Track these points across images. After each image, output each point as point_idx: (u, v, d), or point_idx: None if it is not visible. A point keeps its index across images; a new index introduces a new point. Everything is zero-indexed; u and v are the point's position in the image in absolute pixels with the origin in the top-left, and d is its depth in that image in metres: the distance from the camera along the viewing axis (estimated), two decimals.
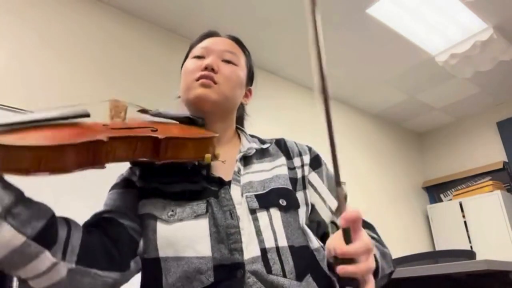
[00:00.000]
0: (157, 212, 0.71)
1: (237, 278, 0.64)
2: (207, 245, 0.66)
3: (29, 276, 0.56)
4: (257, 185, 0.75)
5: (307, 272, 0.69)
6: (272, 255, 0.67)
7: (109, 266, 0.62)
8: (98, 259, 0.61)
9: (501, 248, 3.78)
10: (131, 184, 0.77)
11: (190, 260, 0.66)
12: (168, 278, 0.66)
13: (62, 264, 0.57)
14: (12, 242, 0.52)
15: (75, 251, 0.59)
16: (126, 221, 0.70)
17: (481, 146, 4.60)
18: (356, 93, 4.20)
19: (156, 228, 0.69)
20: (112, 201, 0.74)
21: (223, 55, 0.83)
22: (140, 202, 0.74)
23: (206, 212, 0.69)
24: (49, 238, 0.56)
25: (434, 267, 1.43)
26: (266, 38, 3.20)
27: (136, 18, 2.97)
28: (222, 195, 0.72)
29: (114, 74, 2.68)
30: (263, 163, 0.81)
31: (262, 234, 0.68)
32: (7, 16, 2.34)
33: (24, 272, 0.55)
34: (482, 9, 3.02)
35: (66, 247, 0.58)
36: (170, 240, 0.68)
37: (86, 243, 0.61)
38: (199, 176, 0.75)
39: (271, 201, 0.72)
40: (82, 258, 0.59)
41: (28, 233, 0.54)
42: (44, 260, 0.55)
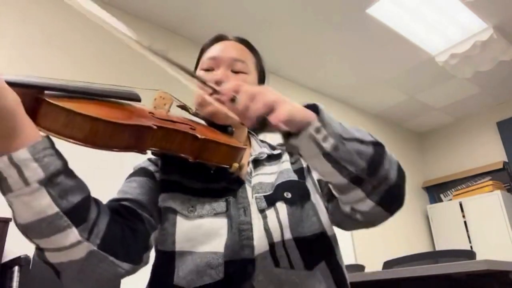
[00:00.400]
0: (177, 206, 0.72)
1: (246, 273, 0.66)
2: (222, 242, 0.67)
3: (48, 247, 0.56)
4: (266, 186, 0.76)
5: (319, 260, 0.71)
6: (279, 249, 0.68)
7: (125, 256, 0.62)
8: (117, 248, 0.61)
9: (501, 248, 3.79)
10: (151, 175, 0.78)
11: (203, 255, 0.67)
12: (180, 271, 0.67)
13: (85, 244, 0.56)
14: (45, 211, 0.52)
15: (99, 234, 0.59)
16: (145, 214, 0.70)
17: (481, 146, 4.60)
18: (356, 93, 4.20)
19: (176, 222, 0.70)
20: (132, 189, 0.74)
21: (232, 65, 0.83)
22: (161, 196, 0.74)
23: (226, 211, 0.71)
24: (81, 216, 0.56)
25: (434, 267, 1.43)
26: (265, 38, 3.20)
27: (136, 18, 2.97)
28: (239, 193, 0.75)
29: (115, 73, 2.68)
30: (272, 166, 0.83)
31: (270, 229, 0.70)
32: (10, 13, 2.34)
33: (45, 242, 0.55)
34: (482, 9, 3.02)
35: (93, 228, 0.58)
36: (189, 235, 0.69)
37: (110, 229, 0.61)
38: (220, 175, 0.76)
39: (276, 197, 0.74)
40: (104, 243, 0.59)
41: (63, 205, 0.54)
42: (70, 236, 0.55)
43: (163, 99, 0.75)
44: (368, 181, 0.63)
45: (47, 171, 0.52)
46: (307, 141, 0.59)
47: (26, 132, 0.51)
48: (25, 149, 0.50)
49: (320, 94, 4.14)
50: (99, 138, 0.55)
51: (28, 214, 0.52)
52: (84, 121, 0.54)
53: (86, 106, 0.56)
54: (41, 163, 0.51)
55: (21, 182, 0.50)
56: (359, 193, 0.64)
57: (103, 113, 0.57)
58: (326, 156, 0.60)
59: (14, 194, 0.51)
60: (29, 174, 0.50)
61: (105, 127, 0.55)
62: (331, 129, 0.60)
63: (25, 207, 0.52)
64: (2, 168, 0.50)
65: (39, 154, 0.51)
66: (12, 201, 0.52)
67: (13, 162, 0.50)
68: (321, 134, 0.59)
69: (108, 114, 0.57)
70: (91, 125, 0.54)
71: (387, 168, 0.65)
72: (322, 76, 3.86)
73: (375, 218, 0.70)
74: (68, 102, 0.55)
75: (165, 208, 0.73)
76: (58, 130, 0.54)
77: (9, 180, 0.50)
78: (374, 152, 0.64)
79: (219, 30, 0.94)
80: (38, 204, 0.52)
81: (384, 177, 0.64)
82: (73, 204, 0.55)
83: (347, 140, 0.61)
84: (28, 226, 0.53)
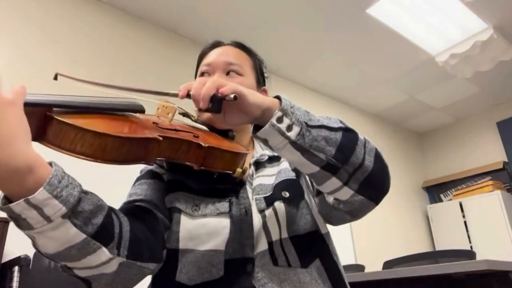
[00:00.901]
0: (181, 205, 0.73)
1: (246, 272, 0.67)
2: (223, 240, 0.69)
3: (78, 267, 0.56)
4: (266, 188, 0.78)
5: (314, 258, 0.72)
6: (277, 248, 0.70)
7: (150, 257, 0.63)
8: (142, 251, 0.62)
9: (501, 248, 3.78)
10: (159, 176, 0.79)
11: (204, 253, 0.68)
12: (182, 268, 0.69)
13: (116, 259, 0.57)
14: (73, 240, 0.52)
15: (126, 245, 0.59)
16: (159, 213, 0.71)
17: (481, 146, 4.60)
18: (356, 93, 4.20)
19: (180, 220, 0.71)
20: (143, 191, 0.75)
21: (227, 69, 0.85)
22: (167, 196, 0.76)
23: (229, 211, 0.72)
24: (107, 235, 0.57)
25: (434, 267, 1.43)
26: (265, 37, 3.20)
27: (136, 18, 2.97)
28: (241, 194, 0.76)
29: (115, 73, 2.68)
30: (273, 168, 0.84)
31: (269, 228, 0.71)
32: (10, 12, 2.34)
33: (75, 264, 0.55)
34: (482, 9, 3.02)
35: (120, 242, 0.58)
36: (192, 234, 0.70)
37: (133, 236, 0.61)
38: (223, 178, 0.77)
39: (275, 196, 0.75)
40: (131, 251, 0.60)
41: (89, 230, 0.54)
42: (100, 255, 0.55)
43: (166, 108, 0.75)
44: (342, 169, 0.63)
45: (68, 204, 0.51)
46: (272, 131, 0.60)
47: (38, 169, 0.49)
48: (42, 189, 0.48)
49: (320, 94, 4.14)
50: (108, 153, 0.56)
51: (55, 246, 0.52)
52: (93, 137, 0.55)
53: (94, 122, 0.57)
54: (61, 199, 0.50)
55: (43, 220, 0.49)
56: (335, 181, 0.65)
57: (111, 127, 0.57)
58: (294, 145, 0.61)
59: (36, 231, 0.50)
60: (51, 212, 0.49)
61: (113, 142, 0.56)
62: (295, 117, 0.61)
63: (51, 240, 0.51)
64: (20, 211, 0.48)
65: (57, 190, 0.50)
66: (34, 236, 0.51)
67: (32, 204, 0.48)
68: (284, 123, 0.61)
69: (115, 129, 0.58)
70: (100, 141, 0.55)
71: (361, 154, 0.65)
72: (322, 76, 3.86)
73: (359, 207, 0.71)
74: (77, 119, 0.55)
75: (170, 207, 0.74)
76: (68, 147, 0.54)
77: (29, 220, 0.49)
78: (343, 138, 0.64)
79: (218, 30, 0.94)
80: (65, 236, 0.51)
81: (358, 164, 0.64)
82: (98, 226, 0.55)
83: (313, 128, 0.62)
84: (56, 255, 0.53)
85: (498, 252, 3.54)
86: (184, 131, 0.71)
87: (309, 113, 0.65)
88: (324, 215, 0.79)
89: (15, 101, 0.48)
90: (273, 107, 0.62)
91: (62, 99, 0.57)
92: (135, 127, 0.63)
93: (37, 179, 0.48)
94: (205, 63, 0.88)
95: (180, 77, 0.84)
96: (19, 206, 0.48)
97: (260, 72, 0.94)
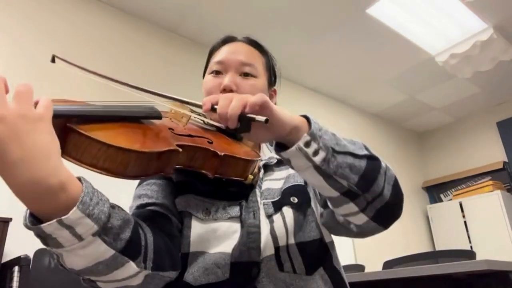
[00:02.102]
0: (192, 209, 0.72)
1: (251, 276, 0.67)
2: (232, 244, 0.68)
3: (103, 280, 0.55)
4: (274, 193, 0.77)
5: (318, 265, 0.72)
6: (283, 253, 0.69)
7: (171, 266, 0.63)
8: (165, 262, 0.62)
9: (501, 248, 3.78)
10: (169, 177, 0.78)
11: (212, 255, 0.68)
12: (190, 269, 0.68)
13: (143, 272, 0.57)
14: (102, 256, 0.52)
15: (151, 257, 0.59)
16: (173, 217, 0.71)
17: (481, 146, 4.60)
18: (356, 93, 4.20)
19: (191, 225, 0.71)
20: (154, 193, 0.74)
21: (240, 69, 0.83)
22: (177, 199, 0.74)
23: (240, 215, 0.71)
24: (135, 249, 0.56)
25: (434, 267, 1.43)
26: (265, 37, 3.19)
27: (136, 18, 2.97)
28: (250, 197, 0.75)
29: (115, 73, 2.67)
30: (281, 171, 0.83)
31: (276, 233, 0.70)
32: (10, 12, 2.34)
33: (101, 278, 0.54)
34: (482, 9, 3.02)
35: (146, 255, 0.58)
36: (203, 238, 0.69)
37: (157, 247, 0.61)
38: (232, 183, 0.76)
39: (283, 201, 0.75)
40: (155, 263, 0.60)
41: (118, 246, 0.53)
42: (129, 269, 0.55)
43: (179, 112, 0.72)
44: (361, 196, 0.62)
45: (100, 222, 0.50)
46: (297, 154, 0.58)
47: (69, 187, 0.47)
48: (75, 208, 0.46)
49: (320, 94, 4.14)
50: (131, 169, 0.53)
51: (83, 263, 0.51)
52: (117, 153, 0.52)
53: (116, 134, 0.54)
54: (93, 217, 0.48)
55: (74, 239, 0.48)
56: (353, 207, 0.64)
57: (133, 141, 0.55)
58: (318, 169, 0.59)
59: (65, 249, 0.49)
60: (83, 230, 0.48)
61: (137, 158, 0.53)
62: (322, 143, 0.59)
63: (79, 258, 0.50)
64: (52, 231, 0.46)
65: (89, 209, 0.48)
66: (62, 254, 0.50)
67: (64, 225, 0.46)
68: (312, 148, 0.58)
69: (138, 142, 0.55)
70: (123, 156, 0.52)
71: (382, 183, 0.64)
72: (322, 76, 3.86)
73: (369, 231, 0.71)
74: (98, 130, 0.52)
75: (181, 211, 0.73)
76: (90, 162, 0.51)
77: (60, 240, 0.47)
78: (367, 166, 0.63)
79: (218, 30, 0.94)
80: (95, 253, 0.51)
81: (378, 192, 0.63)
82: (126, 241, 0.54)
83: (338, 154, 0.60)
84: (83, 271, 0.53)
85: (498, 252, 3.54)
86: (198, 137, 0.68)
87: (336, 136, 0.63)
88: (328, 227, 0.77)
89: (45, 116, 0.46)
90: (301, 128, 0.59)
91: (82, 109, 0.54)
92: (155, 137, 0.60)
93: (69, 198, 0.47)
94: (217, 60, 0.85)
95: (180, 77, 0.83)
96: (51, 227, 0.46)
97: (272, 72, 0.91)
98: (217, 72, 0.83)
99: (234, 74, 0.82)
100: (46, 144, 0.45)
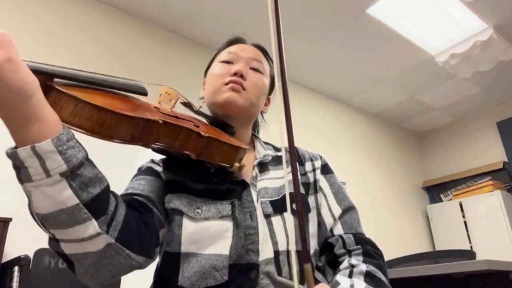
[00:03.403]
0: (184, 208, 0.72)
1: (250, 278, 0.66)
2: (227, 245, 0.68)
3: (65, 238, 0.55)
4: (271, 192, 0.77)
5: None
6: (283, 258, 0.69)
7: (140, 250, 0.63)
8: (134, 241, 0.61)
9: (501, 248, 3.78)
10: (158, 175, 0.78)
11: (208, 257, 0.67)
12: (184, 272, 0.68)
13: (104, 237, 0.56)
14: (65, 202, 0.52)
15: (117, 227, 0.58)
16: (155, 210, 0.71)
17: (481, 146, 4.60)
18: (356, 93, 4.20)
19: (182, 223, 0.71)
20: (141, 186, 0.74)
21: (250, 63, 0.85)
22: (167, 196, 0.75)
23: (232, 214, 0.71)
24: (100, 208, 0.56)
25: (434, 267, 1.43)
26: (265, 38, 3.19)
27: (136, 18, 2.97)
28: (245, 197, 0.75)
29: (115, 73, 2.67)
30: (278, 170, 0.83)
31: (276, 237, 0.70)
32: (11, 12, 2.34)
33: (62, 233, 0.54)
34: (482, 9, 3.02)
35: (111, 220, 0.58)
36: (195, 237, 0.69)
37: (127, 222, 0.61)
38: (223, 177, 0.77)
39: (285, 206, 0.74)
40: (122, 236, 0.59)
41: (83, 197, 0.53)
42: (89, 228, 0.55)
43: (169, 94, 0.75)
44: None
45: (70, 163, 0.51)
46: None
47: (49, 119, 0.50)
48: (49, 140, 0.49)
49: (320, 94, 4.14)
50: (106, 129, 0.55)
51: (47, 205, 0.52)
52: (92, 111, 0.54)
53: (95, 96, 0.56)
54: (64, 156, 0.51)
55: (43, 173, 0.50)
56: None
57: (111, 104, 0.57)
58: None
59: (34, 184, 0.51)
60: (52, 166, 0.50)
61: (112, 118, 0.55)
62: None
63: (45, 198, 0.52)
64: (24, 158, 0.49)
65: (63, 147, 0.51)
66: (30, 191, 0.52)
67: (36, 153, 0.49)
68: None
69: (116, 105, 0.57)
70: (98, 115, 0.54)
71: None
72: (322, 76, 3.86)
73: None
74: (77, 91, 0.54)
75: (172, 209, 0.73)
76: (66, 118, 0.53)
77: (30, 170, 0.50)
78: None
79: (218, 30, 0.94)
80: (59, 196, 0.51)
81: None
82: (93, 196, 0.54)
83: None
84: (46, 216, 0.53)
85: (498, 252, 3.54)
86: (185, 119, 0.70)
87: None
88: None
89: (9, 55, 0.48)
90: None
91: (65, 71, 0.56)
92: (136, 108, 0.62)
93: (47, 131, 0.50)
94: (228, 51, 0.87)
95: (180, 77, 0.83)
96: (24, 152, 0.49)
97: (271, 81, 0.93)
98: (227, 62, 0.85)
99: (243, 65, 0.84)
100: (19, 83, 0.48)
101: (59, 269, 1.71)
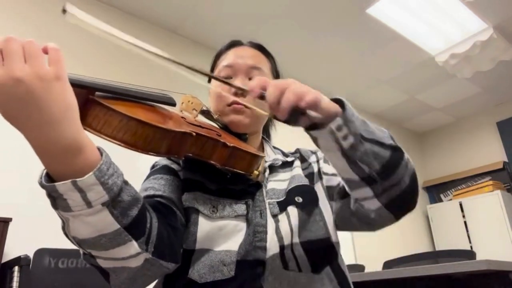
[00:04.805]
0: (199, 206, 0.72)
1: (257, 274, 0.67)
2: (238, 242, 0.69)
3: (103, 257, 0.55)
4: (279, 193, 0.78)
5: (325, 264, 0.73)
6: (288, 252, 0.70)
7: (171, 257, 0.63)
8: (166, 250, 0.62)
9: (501, 248, 3.78)
10: (176, 173, 0.78)
11: (218, 253, 0.68)
12: (195, 266, 0.69)
13: (143, 254, 0.57)
14: (106, 228, 0.52)
15: (153, 242, 0.59)
16: (178, 211, 0.71)
17: (481, 146, 4.60)
18: (356, 93, 4.20)
19: (198, 221, 0.71)
20: (161, 187, 0.74)
21: (249, 73, 0.84)
22: (184, 195, 0.75)
23: (247, 214, 0.72)
24: (139, 229, 0.56)
25: (434, 267, 1.43)
26: (265, 38, 3.19)
27: (136, 18, 2.97)
28: (257, 196, 0.76)
29: (115, 72, 2.68)
30: (286, 173, 0.85)
31: (281, 232, 0.71)
32: (8, 13, 2.34)
33: (101, 253, 0.54)
34: (482, 9, 3.02)
35: (149, 237, 0.58)
36: (210, 236, 0.70)
37: (160, 233, 0.61)
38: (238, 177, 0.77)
39: (288, 201, 0.76)
40: (157, 249, 0.59)
41: (124, 222, 0.53)
42: (130, 248, 0.55)
43: (192, 103, 0.74)
44: (379, 183, 0.64)
45: (111, 192, 0.50)
46: (327, 136, 0.60)
47: (87, 148, 0.48)
48: (91, 173, 0.48)
49: None
50: (148, 143, 0.55)
51: (87, 232, 0.52)
52: (137, 126, 0.54)
53: (135, 110, 0.56)
54: (106, 186, 0.49)
55: (84, 205, 0.49)
56: (368, 192, 0.65)
57: (151, 117, 0.57)
58: (343, 153, 0.61)
59: (73, 214, 0.49)
60: (94, 198, 0.49)
61: (155, 132, 0.55)
62: (353, 128, 0.60)
63: (84, 225, 0.51)
64: (64, 191, 0.47)
65: (104, 177, 0.49)
66: (68, 218, 0.51)
67: (77, 187, 0.47)
68: (342, 132, 0.60)
69: (156, 119, 0.57)
70: (143, 130, 0.54)
71: (401, 174, 0.65)
72: (322, 76, 3.86)
73: (380, 221, 0.71)
74: (119, 105, 0.54)
75: (188, 207, 0.73)
76: (110, 133, 0.53)
77: (69, 202, 0.48)
78: (390, 156, 0.64)
79: (218, 30, 0.94)
80: (100, 223, 0.51)
81: (396, 182, 0.65)
82: (132, 218, 0.54)
83: (366, 141, 0.62)
84: (85, 240, 0.53)
85: (498, 252, 3.54)
86: (208, 129, 0.70)
87: (365, 122, 0.64)
88: (340, 220, 0.78)
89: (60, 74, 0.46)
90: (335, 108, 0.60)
91: (105, 83, 0.56)
92: (170, 120, 0.62)
93: (87, 162, 0.48)
94: (225, 64, 0.86)
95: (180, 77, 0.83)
96: (64, 186, 0.47)
97: (276, 75, 0.94)
98: (226, 76, 0.84)
99: (244, 78, 0.84)
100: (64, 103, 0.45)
101: (59, 269, 1.71)
